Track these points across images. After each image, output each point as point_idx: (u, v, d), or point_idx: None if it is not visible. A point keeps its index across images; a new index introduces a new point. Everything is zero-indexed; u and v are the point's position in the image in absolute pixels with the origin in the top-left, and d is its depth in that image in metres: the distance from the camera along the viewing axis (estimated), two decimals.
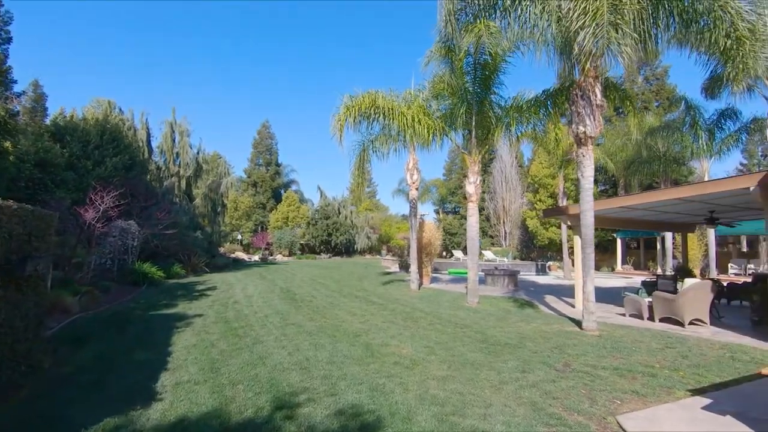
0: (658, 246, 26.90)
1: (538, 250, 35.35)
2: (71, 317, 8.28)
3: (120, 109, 23.96)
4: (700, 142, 20.50)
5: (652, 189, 28.55)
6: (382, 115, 10.49)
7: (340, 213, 41.08)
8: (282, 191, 51.23)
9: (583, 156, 8.18)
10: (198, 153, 28.16)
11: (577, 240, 11.52)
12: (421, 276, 14.77)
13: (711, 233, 21.31)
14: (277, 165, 52.49)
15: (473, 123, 10.95)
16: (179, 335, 7.23)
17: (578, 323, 8.50)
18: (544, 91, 10.36)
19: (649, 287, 11.65)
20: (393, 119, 10.42)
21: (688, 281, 8.74)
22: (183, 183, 27.08)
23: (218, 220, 31.24)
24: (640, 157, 22.77)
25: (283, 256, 39.04)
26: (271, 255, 38.96)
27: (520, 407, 4.20)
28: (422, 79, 12.45)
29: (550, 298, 13.18)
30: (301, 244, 41.27)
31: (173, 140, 26.83)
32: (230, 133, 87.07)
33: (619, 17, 6.77)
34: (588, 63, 8.05)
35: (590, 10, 6.74)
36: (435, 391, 4.59)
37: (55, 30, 65.70)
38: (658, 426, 3.85)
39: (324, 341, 6.82)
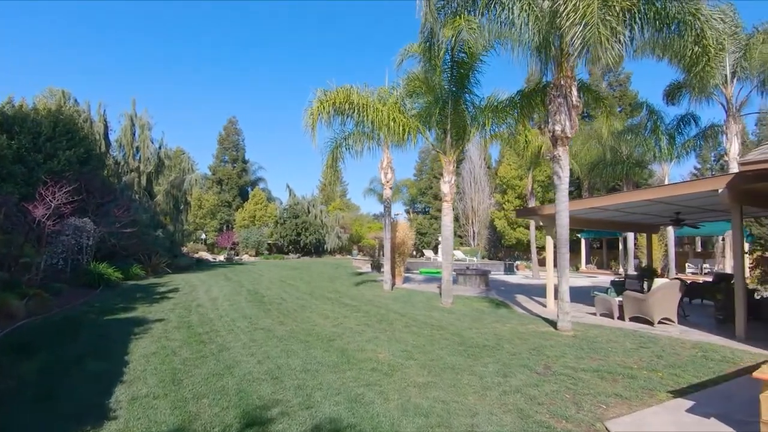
0: (621, 246, 27.85)
1: (506, 249, 35.98)
2: (17, 323, 7.51)
3: (75, 100, 22.47)
4: (661, 146, 21.31)
5: (615, 191, 29.56)
6: (356, 111, 10.18)
7: (309, 212, 40.34)
8: (249, 189, 49.91)
9: (560, 156, 8.17)
10: (160, 148, 26.84)
11: (548, 240, 11.62)
12: (393, 276, 14.55)
13: (670, 234, 22.24)
14: (244, 162, 51.10)
15: (448, 122, 10.82)
16: (137, 342, 6.66)
17: (553, 323, 8.50)
18: (518, 92, 10.36)
19: (618, 287, 11.89)
20: (368, 116, 10.12)
21: (658, 281, 8.91)
22: (143, 179, 25.72)
23: (181, 218, 29.95)
24: (604, 160, 23.45)
25: (250, 256, 37.96)
26: (237, 255, 37.80)
27: (506, 415, 4.02)
28: (396, 77, 12.25)
29: (521, 298, 13.27)
30: (269, 244, 40.27)
31: (133, 134, 25.43)
32: (195, 128, 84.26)
33: (609, 13, 6.73)
34: (566, 62, 8.06)
35: (581, 6, 6.65)
36: (417, 399, 4.34)
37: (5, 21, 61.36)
38: (646, 430, 3.76)
39: (296, 347, 6.45)
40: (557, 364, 5.78)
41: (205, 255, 35.90)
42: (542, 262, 34.64)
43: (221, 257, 35.45)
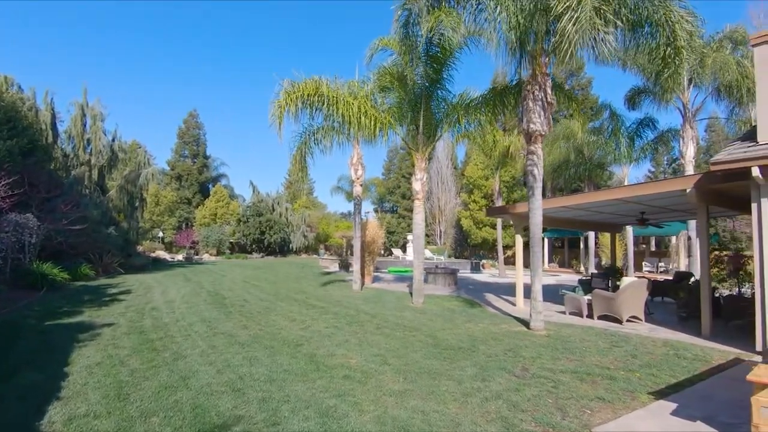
0: (582, 245, 28.70)
1: (472, 248, 36.36)
2: None
3: (19, 87, 20.67)
4: (622, 148, 22.04)
5: (577, 192, 30.37)
6: (326, 104, 9.74)
7: (274, 210, 39.23)
8: (210, 186, 48.03)
9: (534, 154, 8.08)
10: (113, 140, 25.20)
11: (518, 239, 11.61)
12: (363, 276, 14.19)
13: (629, 234, 23.04)
14: (205, 157, 49.14)
15: (421, 118, 10.58)
16: (81, 351, 5.99)
17: (525, 323, 8.41)
18: (491, 89, 10.24)
19: (585, 285, 12.04)
20: (338, 109, 9.71)
21: (625, 280, 9.02)
22: (95, 173, 24.07)
23: (136, 215, 28.26)
24: (568, 161, 24.01)
25: (211, 255, 36.50)
26: (197, 254, 36.26)
27: (490, 425, 3.75)
28: (366, 71, 11.86)
29: (490, 297, 13.23)
30: (231, 243, 38.88)
31: (84, 125, 23.72)
32: (153, 121, 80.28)
33: (603, 3, 6.61)
34: (541, 59, 7.96)
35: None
36: (395, 410, 4.00)
37: None
38: None
39: (260, 354, 5.97)
40: (534, 366, 5.61)
41: (163, 254, 34.20)
42: (508, 261, 35.30)
43: (180, 257, 33.88)
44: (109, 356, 5.74)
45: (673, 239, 29.10)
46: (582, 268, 27.72)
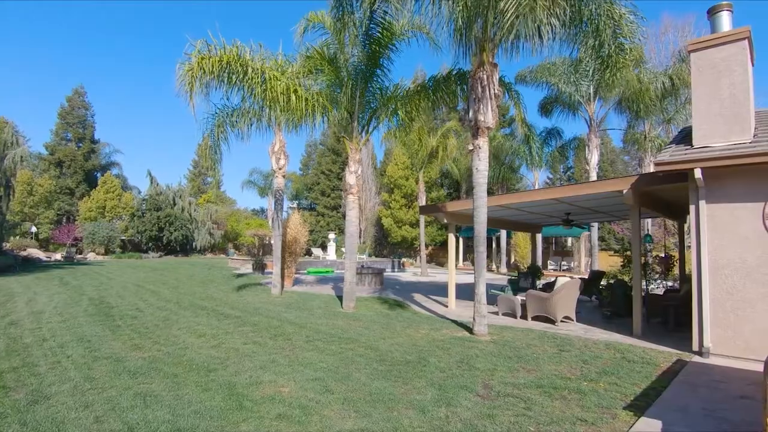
0: (494, 245, 29.98)
1: (391, 247, 36.29)
2: None
3: None
4: (533, 154, 23.31)
5: (490, 194, 31.62)
6: (248, 78, 8.31)
7: (175, 204, 35.37)
8: (98, 174, 42.02)
9: (479, 148, 7.58)
10: None
11: (451, 238, 11.24)
12: (283, 278, 12.81)
13: (538, 234, 24.51)
14: (93, 142, 42.94)
15: (356, 104, 9.63)
16: None
17: (466, 327, 7.92)
18: (432, 78, 9.62)
19: (514, 285, 12.08)
20: (263, 85, 8.33)
21: (560, 280, 8.98)
22: None
23: (1, 205, 23.45)
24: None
25: (98, 254, 31.75)
26: (80, 253, 31.31)
27: None
28: (293, 51, 10.58)
29: (419, 297, 12.74)
30: (123, 241, 34.24)
31: None
32: (27, 97, 68.52)
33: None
34: (488, 46, 7.49)
35: None
36: None
37: None
38: None
39: (159, 387, 4.54)
40: (495, 381, 4.99)
41: (37, 253, 28.91)
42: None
43: (58, 255, 28.96)
44: None
45: (569, 240, 31.81)
46: (493, 266, 28.93)
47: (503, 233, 28.96)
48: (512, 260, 29.86)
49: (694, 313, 6.39)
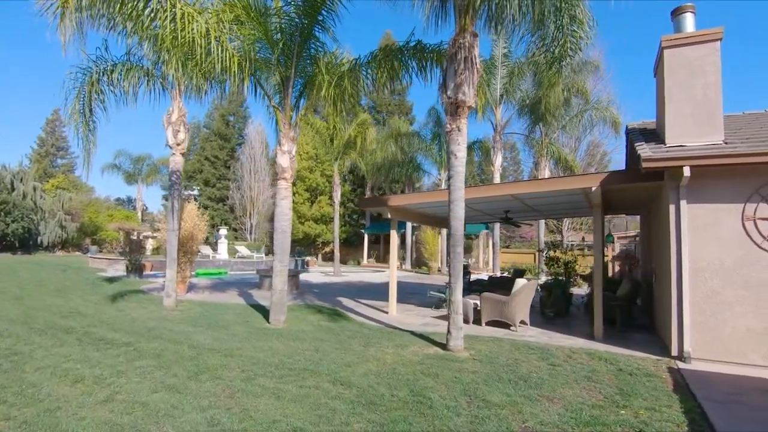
0: (399, 241, 29.72)
1: (291, 244, 33.92)
2: None
3: None
4: (442, 152, 23.46)
5: (393, 194, 31.47)
6: (149, 10, 5.93)
7: (14, 189, 27.95)
8: None
9: (458, 130, 6.46)
10: None
11: (393, 235, 10.10)
12: (177, 284, 10.17)
13: (443, 231, 24.77)
14: None
15: (292, 67, 7.75)
16: None
17: (434, 342, 6.80)
18: (382, 48, 8.21)
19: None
20: (171, 24, 5.99)
21: (519, 281, 8.36)
22: None
23: None
24: (397, 161, 24.19)
25: None
26: None
27: None
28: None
29: (348, 302, 11.27)
30: None
31: None
32: None
33: None
34: (471, 10, 6.40)
35: None
36: None
37: None
38: None
39: None
40: (531, 422, 3.87)
41: None
42: (326, 258, 34.06)
43: None
44: None
45: (474, 238, 33.17)
46: (398, 263, 28.65)
47: (408, 227, 28.85)
48: (414, 256, 29.96)
49: (672, 317, 6.14)
